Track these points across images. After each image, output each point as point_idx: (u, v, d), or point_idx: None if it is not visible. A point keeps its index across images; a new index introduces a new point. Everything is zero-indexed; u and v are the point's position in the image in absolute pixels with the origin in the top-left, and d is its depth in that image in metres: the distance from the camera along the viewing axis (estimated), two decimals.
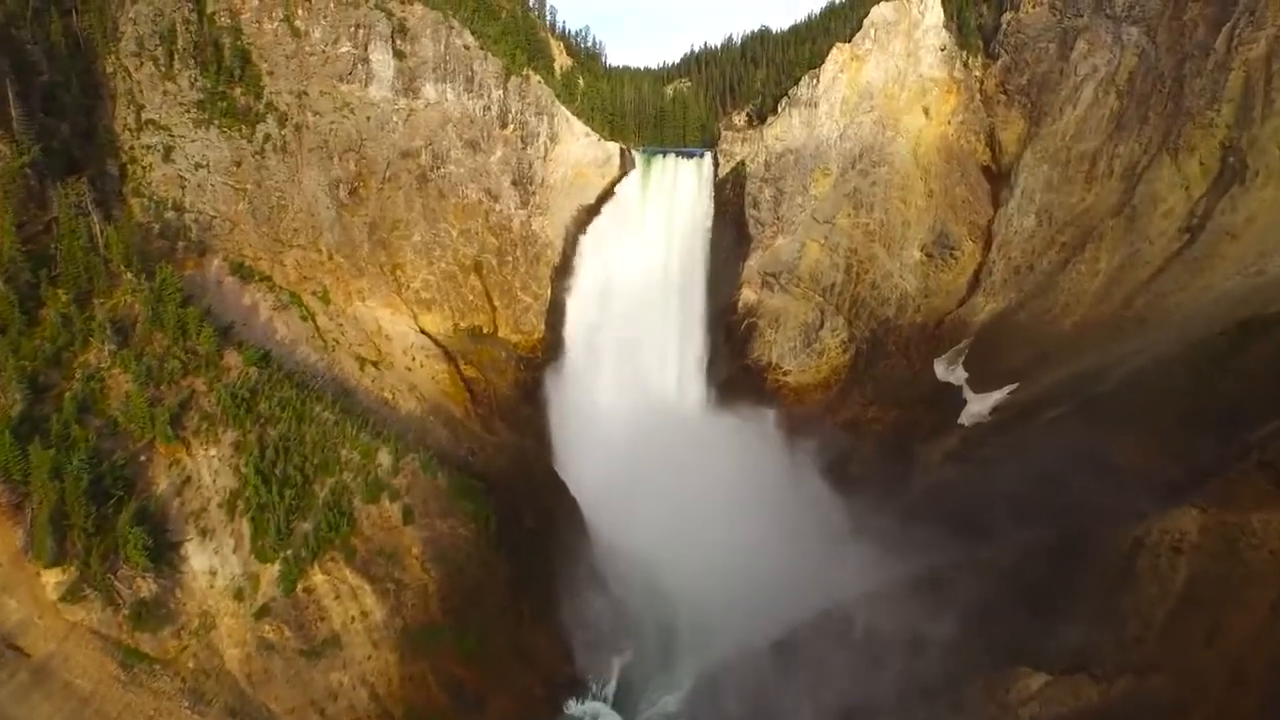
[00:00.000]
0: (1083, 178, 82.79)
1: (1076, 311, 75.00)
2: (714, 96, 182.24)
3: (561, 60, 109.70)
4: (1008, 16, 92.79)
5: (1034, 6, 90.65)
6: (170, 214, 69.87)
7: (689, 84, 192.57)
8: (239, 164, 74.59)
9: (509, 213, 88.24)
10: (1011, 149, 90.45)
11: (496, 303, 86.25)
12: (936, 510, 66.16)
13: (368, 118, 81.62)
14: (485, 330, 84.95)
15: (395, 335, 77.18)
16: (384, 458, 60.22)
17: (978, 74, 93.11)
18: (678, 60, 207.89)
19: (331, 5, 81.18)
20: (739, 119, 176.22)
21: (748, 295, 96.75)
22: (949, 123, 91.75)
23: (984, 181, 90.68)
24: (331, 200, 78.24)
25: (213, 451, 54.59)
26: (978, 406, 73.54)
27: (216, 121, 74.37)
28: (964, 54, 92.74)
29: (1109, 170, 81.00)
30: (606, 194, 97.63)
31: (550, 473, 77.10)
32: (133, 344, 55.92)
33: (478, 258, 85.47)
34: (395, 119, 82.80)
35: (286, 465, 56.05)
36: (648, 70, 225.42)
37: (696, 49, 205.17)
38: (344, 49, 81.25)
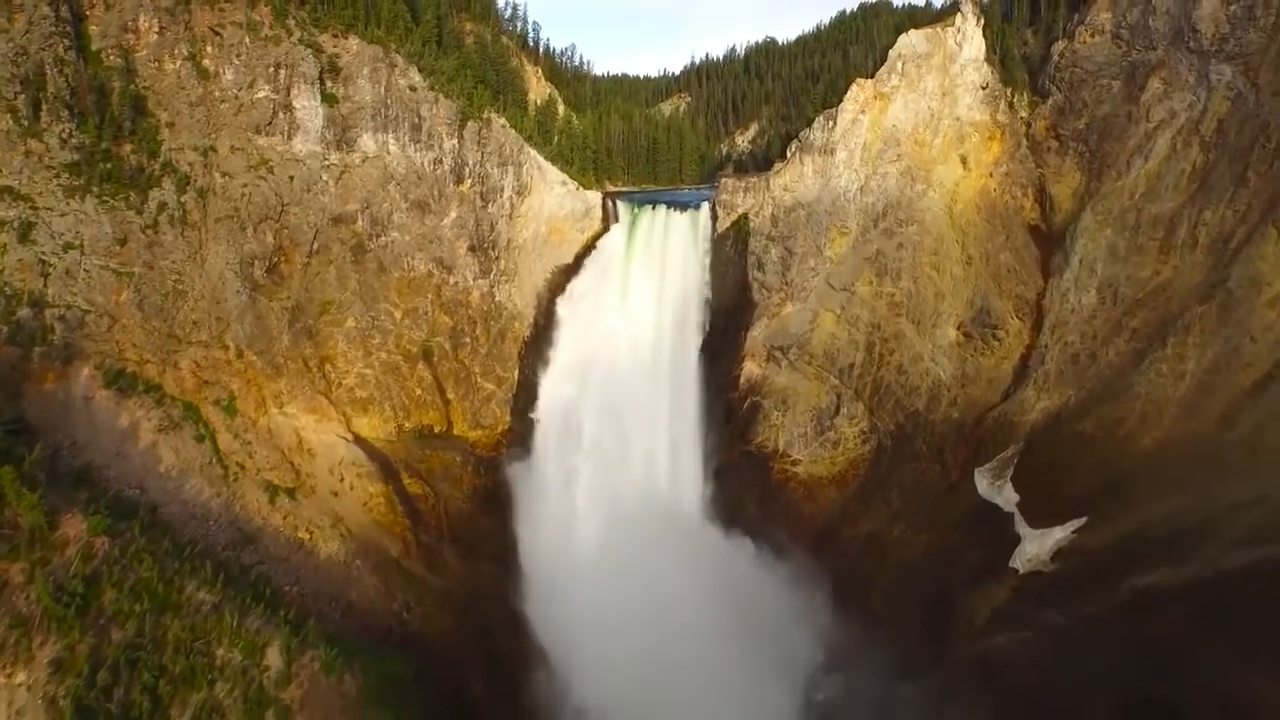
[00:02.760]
0: (1156, 248, 66.22)
1: (1158, 425, 58.74)
2: (715, 114, 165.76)
3: (538, 91, 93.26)
4: (1059, 46, 75.77)
5: (1092, 35, 73.64)
6: (25, 311, 53.97)
7: (688, 99, 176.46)
8: (124, 241, 58.71)
9: (466, 285, 72.21)
10: (1065, 206, 73.78)
11: (450, 395, 70.43)
12: (983, 698, 50.47)
13: (291, 177, 65.62)
14: (437, 429, 69.21)
15: (320, 449, 61.45)
16: (274, 657, 44.53)
17: (1024, 115, 76.25)
18: (678, 71, 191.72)
19: (246, 40, 65.04)
20: (741, 140, 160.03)
21: (751, 369, 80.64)
22: (990, 175, 75.09)
23: (1032, 245, 74.15)
24: (243, 282, 62.31)
25: (20, 677, 38.86)
26: (1035, 547, 57.53)
27: (96, 188, 58.49)
28: (1008, 91, 75.84)
29: (1191, 240, 64.41)
30: (586, 252, 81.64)
31: (512, 618, 61.71)
32: None
33: (427, 342, 69.51)
34: (325, 178, 66.77)
35: (130, 687, 40.35)
36: (647, 79, 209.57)
37: (697, 59, 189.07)
38: (261, 94, 65.20)
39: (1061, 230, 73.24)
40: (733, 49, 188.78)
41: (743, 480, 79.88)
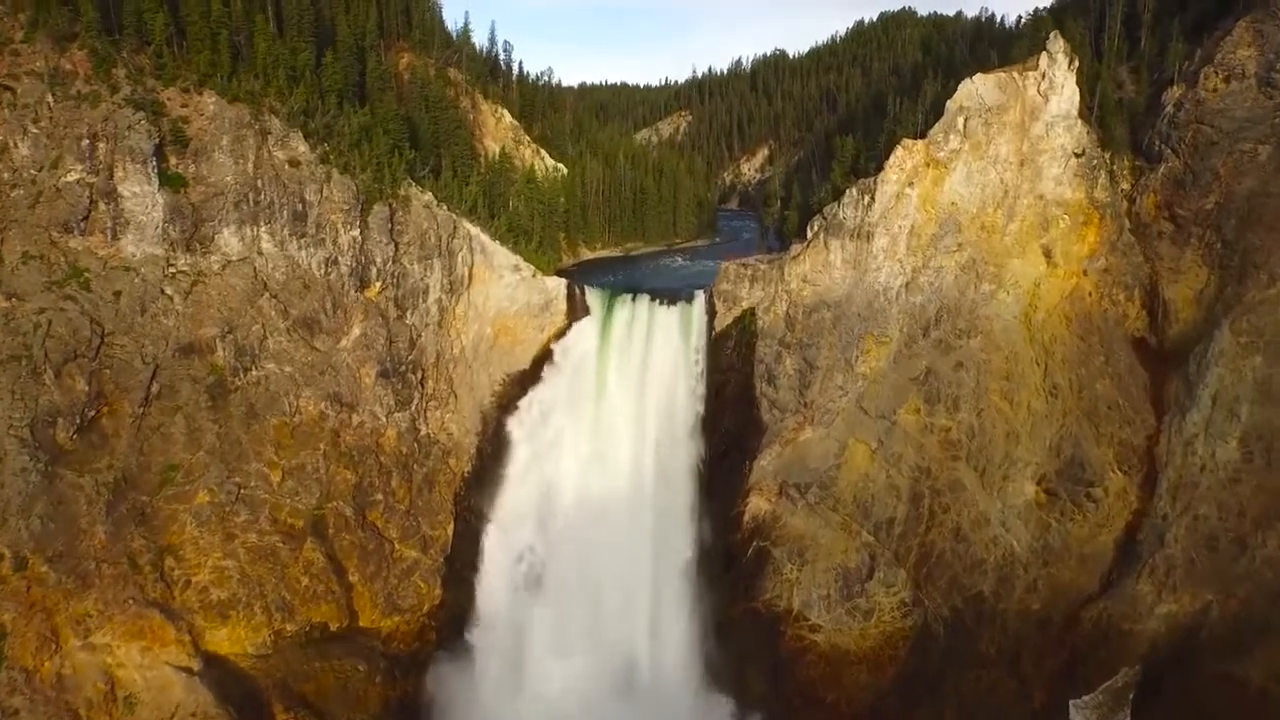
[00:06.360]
0: None
1: None
2: (718, 137, 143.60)
3: (498, 135, 71.85)
4: (1174, 93, 54.04)
5: (1226, 80, 51.85)
6: None
7: (688, 118, 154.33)
8: None
9: (376, 424, 51.61)
10: (1185, 314, 52.39)
11: (354, 576, 50.03)
12: None
13: (117, 294, 44.95)
14: (334, 626, 48.89)
15: (146, 694, 41.27)
16: None
17: (1125, 187, 54.64)
18: (681, 80, 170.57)
19: (50, 99, 44.15)
20: (748, 168, 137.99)
21: (758, 506, 60.21)
22: (1084, 273, 53.55)
23: (1139, 368, 52.88)
24: (34, 454, 41.80)
25: None
26: None
27: None
28: (1107, 157, 54.10)
29: None
30: (546, 355, 61.11)
31: None
32: None
33: (318, 510, 48.98)
34: (169, 292, 46.12)
35: None
36: (647, 89, 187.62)
37: (700, 72, 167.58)
38: (72, 175, 44.46)
39: (1180, 347, 51.87)
40: (738, 62, 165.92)
41: (746, 646, 59.87)
